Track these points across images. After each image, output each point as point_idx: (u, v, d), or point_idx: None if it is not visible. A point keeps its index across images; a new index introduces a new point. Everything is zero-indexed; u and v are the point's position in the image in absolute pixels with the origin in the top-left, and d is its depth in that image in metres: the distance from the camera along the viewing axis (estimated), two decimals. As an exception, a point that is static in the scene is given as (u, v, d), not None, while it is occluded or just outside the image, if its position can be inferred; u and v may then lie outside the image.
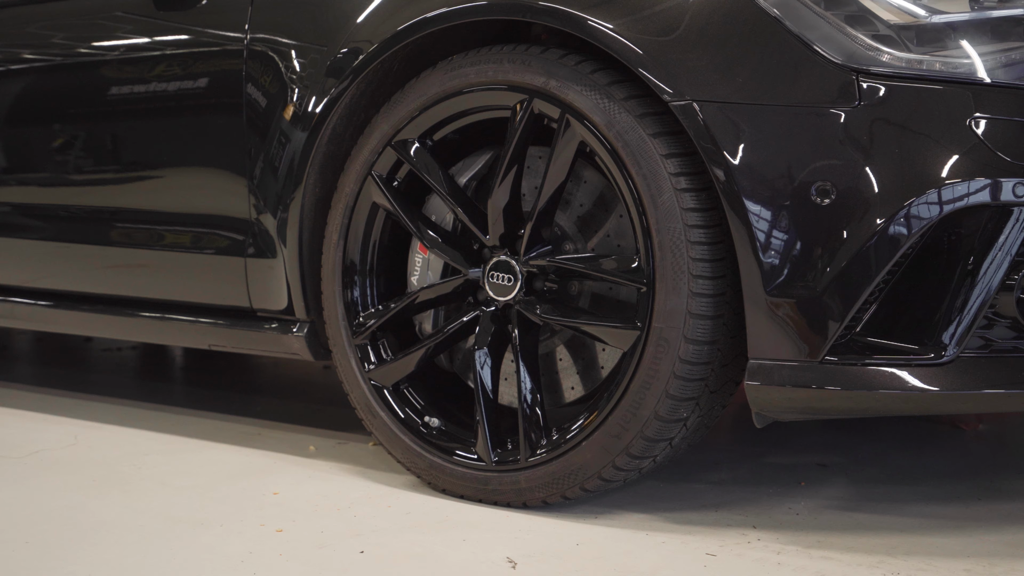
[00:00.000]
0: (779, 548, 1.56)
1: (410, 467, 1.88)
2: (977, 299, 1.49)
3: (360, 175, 1.92)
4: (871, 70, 1.50)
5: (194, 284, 2.22)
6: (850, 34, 1.51)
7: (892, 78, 1.50)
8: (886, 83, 1.50)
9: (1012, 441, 2.33)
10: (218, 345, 2.25)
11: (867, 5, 1.54)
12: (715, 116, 1.53)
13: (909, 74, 1.50)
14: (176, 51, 2.18)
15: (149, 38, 2.22)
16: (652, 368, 1.59)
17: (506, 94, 1.74)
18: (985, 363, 1.51)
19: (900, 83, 1.50)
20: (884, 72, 1.50)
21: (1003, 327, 1.52)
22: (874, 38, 1.52)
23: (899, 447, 2.22)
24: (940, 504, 1.82)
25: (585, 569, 1.48)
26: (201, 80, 2.16)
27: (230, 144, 2.10)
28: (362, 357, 1.93)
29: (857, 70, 1.50)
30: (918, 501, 1.84)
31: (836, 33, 1.52)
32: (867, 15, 1.54)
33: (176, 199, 2.22)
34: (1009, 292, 1.50)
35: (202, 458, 2.14)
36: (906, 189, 1.48)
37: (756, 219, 1.51)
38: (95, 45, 2.30)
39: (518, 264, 1.78)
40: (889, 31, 1.52)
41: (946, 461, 2.14)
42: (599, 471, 1.66)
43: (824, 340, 1.50)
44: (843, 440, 2.26)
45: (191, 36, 2.16)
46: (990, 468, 2.09)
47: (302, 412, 2.63)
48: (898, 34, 1.52)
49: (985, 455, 2.22)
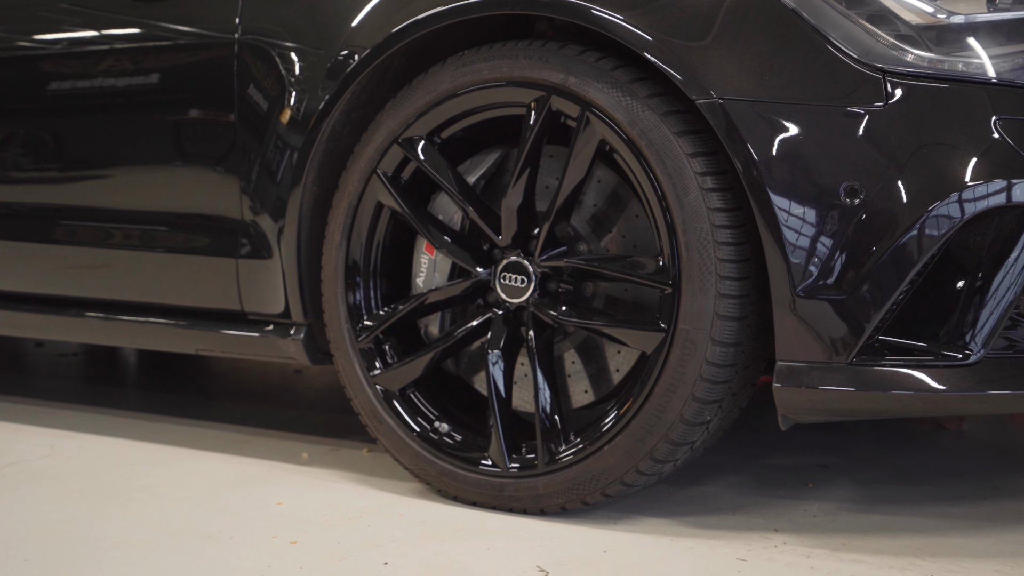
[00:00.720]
0: (807, 552, 1.54)
1: (419, 474, 1.83)
2: (1004, 299, 1.49)
3: (364, 173, 1.86)
4: (897, 70, 1.49)
5: (180, 286, 2.14)
6: (874, 33, 1.51)
7: (918, 78, 1.50)
8: (912, 83, 1.49)
9: (999, 440, 2.36)
10: (206, 350, 2.17)
11: (888, 5, 1.53)
12: (742, 114, 1.51)
13: (934, 74, 1.50)
14: (160, 43, 2.10)
15: (131, 29, 2.13)
16: (678, 371, 1.56)
17: (521, 91, 1.70)
18: (1010, 364, 1.51)
19: (926, 83, 1.49)
20: (910, 72, 1.50)
21: (1027, 327, 1.53)
22: (897, 38, 1.51)
23: (892, 447, 2.23)
24: (949, 504, 1.82)
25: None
26: (187, 74, 2.08)
27: (220, 142, 2.03)
28: (366, 361, 1.88)
29: (884, 70, 1.49)
30: (927, 501, 1.84)
31: (861, 32, 1.51)
32: (888, 15, 1.53)
33: (161, 198, 2.14)
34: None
35: (192, 467, 2.07)
36: (935, 189, 1.47)
37: (785, 219, 1.49)
38: (74, 37, 2.21)
39: (531, 265, 1.74)
40: (910, 31, 1.52)
41: (941, 461, 2.16)
42: (621, 476, 1.63)
43: (854, 342, 1.49)
44: (837, 441, 2.26)
45: (176, 27, 2.08)
46: (985, 467, 2.11)
47: (286, 418, 2.56)
48: (919, 34, 1.52)
49: (977, 454, 2.24)
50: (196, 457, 2.15)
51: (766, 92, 1.52)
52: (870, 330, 1.49)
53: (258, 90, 1.97)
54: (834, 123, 1.50)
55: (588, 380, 1.82)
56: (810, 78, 1.51)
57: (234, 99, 2.00)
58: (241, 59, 1.98)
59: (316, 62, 1.89)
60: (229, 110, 2.00)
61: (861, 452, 2.21)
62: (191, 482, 1.96)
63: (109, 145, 2.20)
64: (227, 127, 2.01)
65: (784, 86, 1.52)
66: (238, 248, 2.02)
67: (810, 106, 1.51)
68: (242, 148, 1.99)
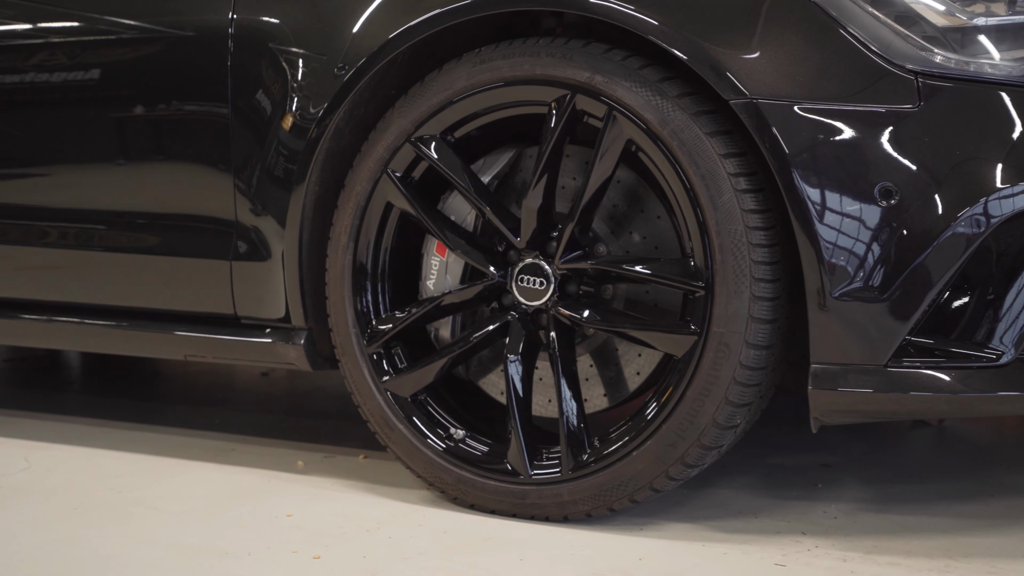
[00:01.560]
0: (841, 555, 1.54)
1: (433, 482, 1.78)
2: (1017, 294, 1.50)
3: (373, 173, 1.80)
4: (929, 71, 1.49)
5: (166, 290, 2.05)
6: (904, 35, 1.50)
7: (948, 79, 1.50)
8: (943, 84, 1.49)
9: (978, 436, 2.39)
10: (196, 356, 2.09)
11: (913, 7, 1.53)
12: (777, 114, 1.50)
13: (963, 76, 1.50)
14: (149, 34, 2.00)
15: (122, 19, 2.03)
16: (712, 374, 1.54)
17: (543, 89, 1.66)
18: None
19: (958, 84, 1.49)
20: (941, 73, 1.49)
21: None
22: (926, 39, 1.51)
23: (882, 445, 2.25)
24: (960, 502, 1.84)
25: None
26: (177, 67, 1.99)
27: (212, 138, 1.95)
28: (376, 366, 1.82)
29: (916, 71, 1.49)
30: (937, 500, 1.86)
31: (892, 34, 1.50)
32: (916, 17, 1.53)
33: (148, 198, 2.05)
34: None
35: (184, 479, 1.98)
36: (969, 191, 1.47)
37: (820, 220, 1.48)
38: (56, 27, 2.10)
39: (551, 267, 1.70)
40: (936, 33, 1.52)
41: (934, 458, 2.18)
42: (651, 481, 1.61)
43: (890, 344, 1.49)
44: (829, 439, 2.27)
45: (165, 16, 1.99)
46: (977, 464, 2.13)
47: (269, 425, 2.48)
48: (946, 36, 1.52)
49: (964, 451, 2.27)
50: (184, 467, 2.06)
51: (800, 92, 1.50)
52: (905, 332, 1.49)
53: (256, 85, 1.89)
54: (868, 124, 1.49)
55: (603, 385, 1.79)
56: (843, 79, 1.50)
57: (228, 93, 1.91)
58: (237, 52, 1.90)
59: (321, 57, 1.82)
60: (223, 105, 1.92)
61: (856, 450, 2.22)
62: (188, 495, 1.88)
63: (86, 142, 2.10)
64: (221, 123, 1.93)
65: (818, 86, 1.50)
66: (231, 250, 1.94)
67: (844, 107, 1.50)
68: (237, 146, 1.91)
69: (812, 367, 1.51)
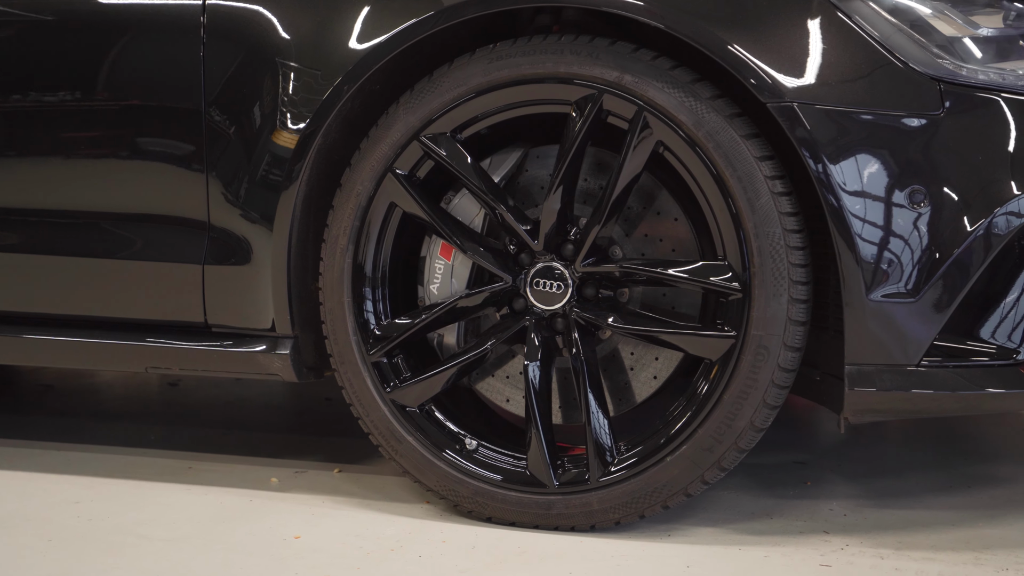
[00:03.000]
0: (876, 552, 1.56)
1: (447, 495, 1.70)
2: (1044, 300, 1.57)
3: (376, 172, 1.71)
4: (951, 79, 1.53)
5: (123, 297, 1.90)
6: (924, 44, 1.54)
7: (967, 87, 1.54)
8: (964, 91, 1.54)
9: (925, 428, 2.50)
10: (163, 367, 1.93)
11: (925, 18, 1.57)
12: (814, 118, 1.51)
13: (981, 84, 1.55)
14: (113, 17, 1.84)
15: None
16: (750, 377, 1.54)
17: (567, 88, 1.62)
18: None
19: (976, 92, 1.54)
20: (961, 81, 1.54)
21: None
22: (940, 48, 1.56)
23: (839, 440, 2.31)
24: (945, 494, 1.91)
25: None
26: (142, 54, 1.84)
27: (184, 135, 1.81)
28: (380, 376, 1.73)
29: (937, 79, 1.53)
30: (923, 493, 1.92)
31: (911, 43, 1.54)
32: (927, 27, 1.57)
33: (109, 197, 1.89)
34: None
35: (156, 501, 1.83)
36: (993, 194, 1.52)
37: (856, 223, 1.50)
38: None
39: (568, 270, 1.66)
40: (946, 42, 1.57)
41: (895, 450, 2.26)
42: (686, 487, 1.59)
43: (922, 344, 1.52)
44: (786, 436, 2.31)
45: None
46: (939, 456, 2.22)
47: (219, 440, 2.33)
48: (953, 45, 1.57)
49: (920, 442, 2.36)
50: (150, 489, 1.91)
51: (833, 97, 1.52)
52: (937, 331, 1.52)
53: (237, 78, 1.77)
54: (898, 129, 1.52)
55: (609, 393, 1.76)
56: (874, 85, 1.53)
57: (201, 86, 1.78)
58: (211, 35, 1.77)
59: (319, 47, 1.72)
60: (194, 99, 1.78)
61: (819, 447, 2.28)
62: (169, 520, 1.74)
63: (40, 136, 1.91)
64: (192, 119, 1.79)
65: (849, 92, 1.52)
66: (204, 253, 1.81)
67: (876, 112, 1.52)
68: (213, 142, 1.79)
69: (847, 368, 1.53)
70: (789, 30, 1.53)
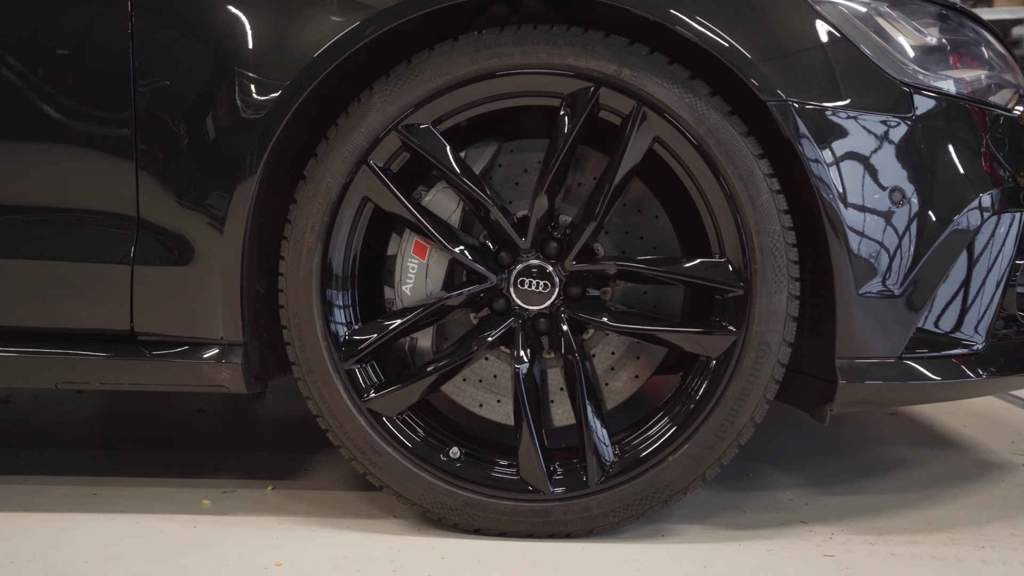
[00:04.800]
0: (863, 539, 1.62)
1: (433, 508, 1.61)
2: (997, 293, 1.68)
3: (349, 164, 1.59)
4: (916, 85, 1.61)
5: (33, 302, 1.66)
6: (891, 51, 1.61)
7: (930, 93, 1.63)
8: (928, 97, 1.62)
9: (805, 417, 2.62)
10: (77, 383, 1.70)
11: (887, 28, 1.65)
12: (810, 118, 1.54)
13: (939, 90, 1.64)
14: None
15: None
16: (752, 374, 1.55)
17: (560, 80, 1.57)
18: (1001, 350, 1.71)
19: (937, 97, 1.63)
20: (923, 87, 1.62)
21: (1001, 318, 1.74)
22: (902, 55, 1.64)
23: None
24: (875, 478, 2.00)
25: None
26: (54, 20, 1.62)
27: (108, 118, 1.61)
28: (354, 384, 1.61)
29: (906, 84, 1.61)
30: (855, 478, 2.00)
31: (883, 51, 1.60)
32: (890, 36, 1.65)
33: (13, 188, 1.64)
34: (1011, 288, 1.72)
35: (80, 536, 1.62)
36: (959, 194, 1.61)
37: (848, 221, 1.54)
38: None
39: (555, 269, 1.61)
40: (908, 50, 1.65)
41: (798, 440, 2.35)
42: (687, 485, 1.58)
43: (904, 337, 1.59)
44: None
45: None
46: (843, 443, 2.34)
47: (110, 461, 2.09)
48: (913, 53, 1.65)
49: (813, 432, 2.47)
50: (62, 522, 1.69)
51: (824, 98, 1.55)
52: (916, 325, 1.60)
53: (180, 51, 1.59)
54: (880, 131, 1.58)
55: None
56: (859, 88, 1.57)
57: (130, 50, 1.59)
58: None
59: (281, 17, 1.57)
60: (121, 67, 1.59)
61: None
62: (116, 555, 1.53)
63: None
64: (118, 99, 1.60)
65: (837, 93, 1.56)
66: (131, 252, 1.62)
67: (861, 113, 1.57)
68: (147, 128, 1.60)
69: (839, 362, 1.57)
70: (786, 35, 1.55)
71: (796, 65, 1.54)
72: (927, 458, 2.19)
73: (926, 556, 1.54)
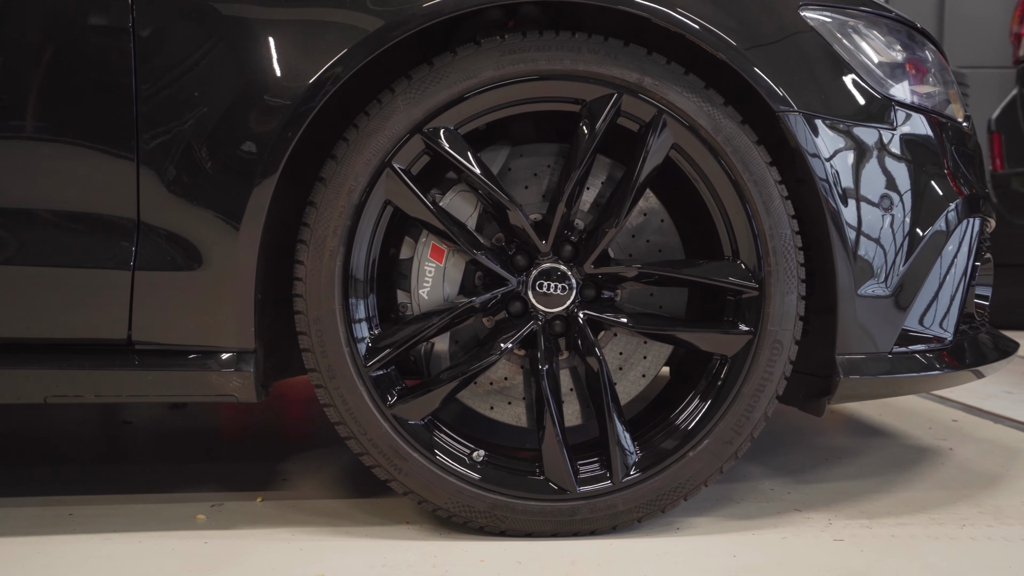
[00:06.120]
0: (861, 523, 1.72)
1: (459, 511, 1.61)
2: (961, 290, 1.83)
3: (371, 167, 1.57)
4: (895, 99, 1.74)
5: (17, 312, 1.57)
6: (874, 69, 1.73)
7: (907, 107, 1.76)
8: (906, 111, 1.75)
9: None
10: (71, 396, 1.61)
11: (869, 48, 1.77)
12: (817, 128, 1.63)
13: (914, 104, 1.78)
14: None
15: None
16: (767, 371, 1.63)
17: (583, 86, 1.60)
18: (960, 345, 1.86)
19: (912, 111, 1.77)
20: (901, 101, 1.75)
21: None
22: (883, 72, 1.76)
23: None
24: (836, 466, 2.13)
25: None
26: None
27: (105, 109, 1.53)
28: (379, 390, 1.59)
29: (891, 99, 1.73)
30: (816, 466, 2.13)
31: (871, 68, 1.72)
32: (871, 56, 1.77)
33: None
34: (971, 287, 1.88)
35: (90, 557, 1.53)
36: (937, 201, 1.75)
37: (848, 224, 1.65)
38: None
39: (573, 272, 1.65)
40: (884, 67, 1.78)
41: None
42: (706, 479, 1.64)
43: (894, 334, 1.71)
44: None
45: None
46: (787, 431, 2.47)
47: (75, 477, 1.97)
48: (888, 70, 1.78)
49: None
50: (55, 545, 1.59)
51: (825, 109, 1.65)
52: (903, 322, 1.72)
53: (188, 38, 1.53)
54: (874, 141, 1.69)
55: (578, 404, 1.76)
56: (853, 102, 1.68)
57: (132, 47, 1.52)
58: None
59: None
60: (121, 71, 1.52)
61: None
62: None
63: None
64: (118, 92, 1.52)
65: (838, 105, 1.66)
66: (132, 257, 1.55)
67: (857, 125, 1.68)
68: (150, 123, 1.53)
69: (839, 358, 1.67)
70: (794, 53, 1.64)
71: (804, 80, 1.63)
72: (867, 446, 2.35)
73: (921, 536, 1.66)
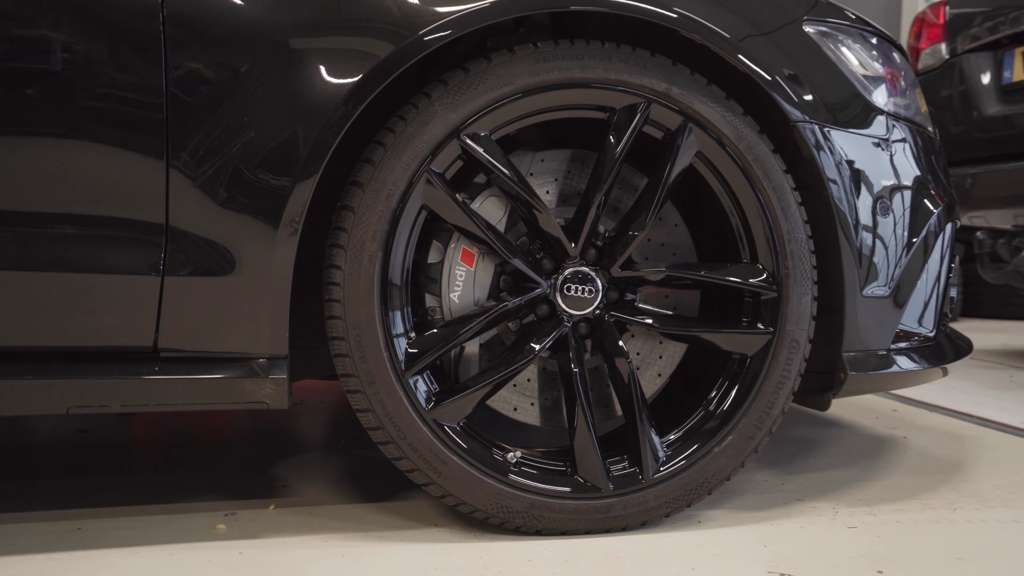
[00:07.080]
0: (865, 511, 1.82)
1: (496, 512, 1.63)
2: (941, 290, 1.96)
3: (409, 171, 1.58)
4: (886, 110, 1.85)
5: (40, 319, 1.51)
6: (865, 81, 1.84)
7: (894, 117, 1.87)
8: (895, 121, 1.87)
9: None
10: (93, 407, 1.55)
11: (846, 58, 1.88)
12: (828, 137, 1.72)
13: (899, 115, 1.89)
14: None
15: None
16: (786, 368, 1.71)
17: (613, 94, 1.64)
18: (939, 341, 1.99)
19: (899, 121, 1.88)
20: (890, 112, 1.86)
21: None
22: (871, 84, 1.87)
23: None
24: (812, 456, 2.25)
25: (839, 567, 1.54)
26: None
27: (135, 109, 1.49)
28: (418, 394, 1.60)
29: (883, 109, 1.84)
30: (794, 456, 2.24)
31: (861, 79, 1.83)
32: (864, 70, 1.87)
33: (24, 193, 1.48)
34: (947, 286, 2.01)
35: (127, 571, 1.48)
36: (926, 205, 1.87)
37: (855, 227, 1.75)
38: None
39: (599, 275, 1.69)
40: (871, 80, 1.89)
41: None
42: (729, 474, 1.71)
43: (892, 331, 1.82)
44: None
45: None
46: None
47: (38, 491, 1.90)
48: (873, 82, 1.89)
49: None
50: (84, 561, 1.54)
51: (831, 119, 1.74)
52: (900, 320, 1.83)
53: (219, 38, 1.50)
54: (875, 149, 1.80)
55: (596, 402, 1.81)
56: (858, 113, 1.78)
57: (162, 32, 1.48)
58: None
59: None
60: (152, 68, 1.48)
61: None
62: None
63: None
64: (150, 87, 1.48)
65: (843, 116, 1.76)
66: (160, 263, 1.51)
67: (860, 133, 1.78)
68: (182, 125, 1.50)
69: (846, 355, 1.77)
70: (810, 68, 1.72)
71: (815, 93, 1.71)
72: (829, 437, 2.47)
73: (922, 521, 1.77)
